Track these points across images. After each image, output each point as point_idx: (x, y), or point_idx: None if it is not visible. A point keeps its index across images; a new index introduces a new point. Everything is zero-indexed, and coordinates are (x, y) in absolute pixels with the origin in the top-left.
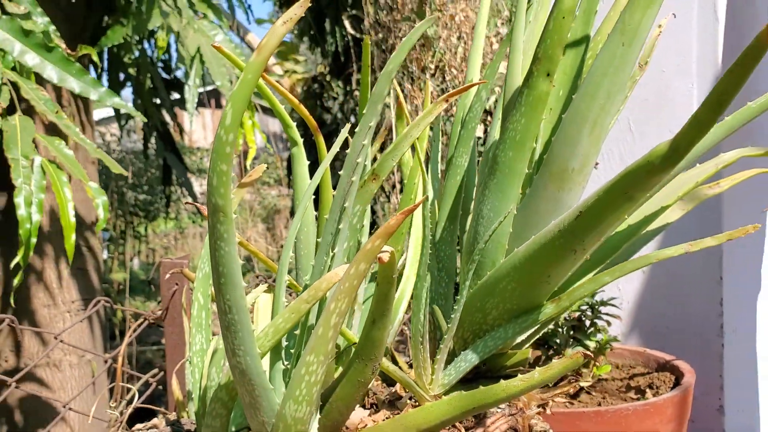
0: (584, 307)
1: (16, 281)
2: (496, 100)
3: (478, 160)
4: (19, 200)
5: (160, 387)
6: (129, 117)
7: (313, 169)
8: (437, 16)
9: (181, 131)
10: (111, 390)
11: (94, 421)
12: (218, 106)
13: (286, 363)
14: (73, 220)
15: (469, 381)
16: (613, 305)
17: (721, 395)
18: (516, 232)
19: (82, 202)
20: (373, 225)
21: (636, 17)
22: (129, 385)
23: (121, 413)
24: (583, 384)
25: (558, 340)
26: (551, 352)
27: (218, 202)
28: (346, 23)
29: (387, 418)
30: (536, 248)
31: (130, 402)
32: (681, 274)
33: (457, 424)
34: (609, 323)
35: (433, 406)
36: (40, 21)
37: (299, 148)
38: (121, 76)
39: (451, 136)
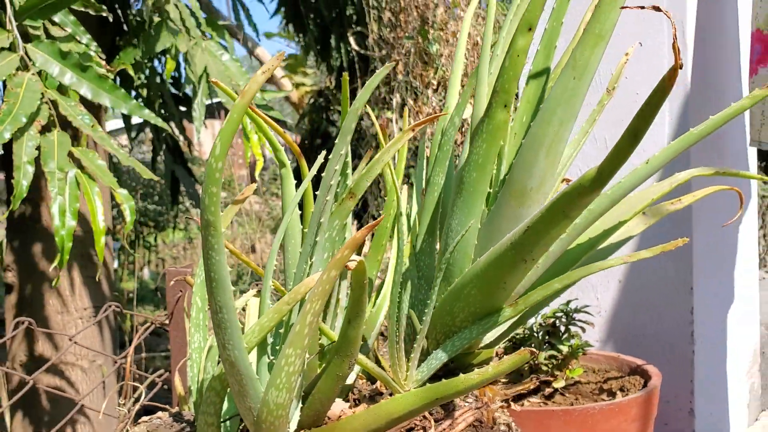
0: (559, 314)
1: (54, 283)
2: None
3: None
4: (54, 210)
5: (165, 387)
6: (140, 130)
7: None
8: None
9: (189, 144)
10: (120, 390)
11: (107, 419)
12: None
13: (271, 357)
14: (102, 225)
15: (440, 377)
16: (587, 312)
17: (691, 399)
18: (482, 244)
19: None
20: None
21: (585, 54)
22: (137, 384)
23: (129, 410)
24: (556, 386)
25: (533, 344)
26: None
27: (210, 219)
28: (351, 40)
29: None
30: (493, 258)
31: (137, 400)
32: (655, 284)
33: (428, 415)
34: (583, 329)
35: (402, 397)
36: (84, 40)
37: (287, 170)
38: (132, 93)
39: (429, 157)
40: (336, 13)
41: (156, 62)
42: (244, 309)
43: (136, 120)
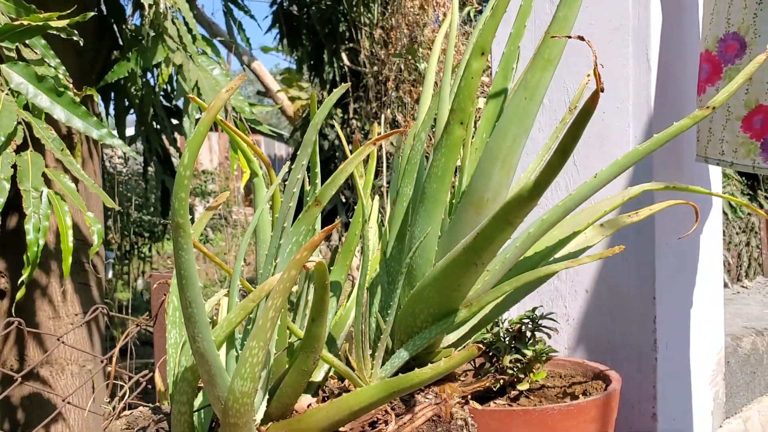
0: (526, 320)
1: (18, 295)
2: None
3: None
4: (28, 227)
5: (150, 386)
6: (133, 140)
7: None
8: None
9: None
10: (107, 390)
11: (92, 419)
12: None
13: (239, 351)
14: (71, 244)
15: None
16: (552, 319)
17: (654, 403)
18: (443, 249)
19: (85, 222)
20: None
21: (536, 77)
22: (121, 382)
23: (114, 408)
24: (521, 388)
25: (499, 348)
26: (493, 358)
27: (179, 221)
28: (344, 55)
29: None
30: (449, 262)
31: (122, 398)
32: (620, 294)
33: (389, 410)
34: (549, 336)
35: (362, 391)
36: (53, 63)
37: (259, 179)
38: (126, 103)
39: (399, 170)
40: (329, 30)
41: (149, 74)
42: (216, 309)
43: (129, 132)
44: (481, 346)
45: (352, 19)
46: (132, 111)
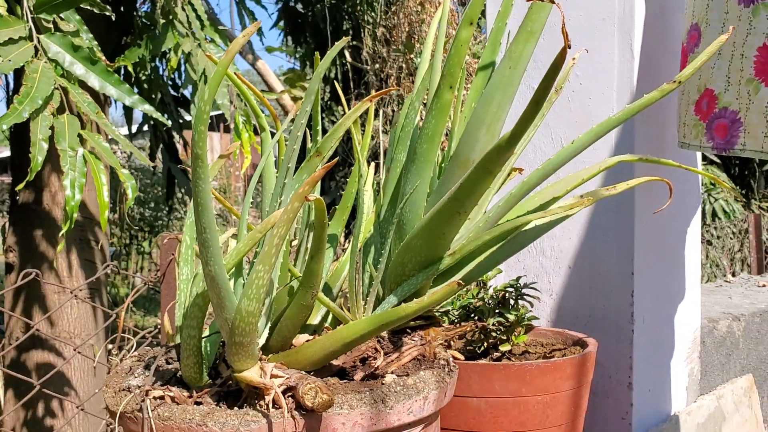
0: (510, 289)
1: (59, 248)
2: None
3: None
4: (66, 182)
5: (155, 341)
6: (140, 129)
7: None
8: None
9: (185, 144)
10: (113, 344)
11: (96, 399)
12: (226, 130)
13: (245, 280)
14: (107, 199)
15: None
16: (534, 288)
17: (630, 374)
18: (430, 206)
19: (93, 201)
20: None
21: (519, 48)
22: (129, 336)
23: (121, 360)
24: (503, 349)
25: (484, 311)
26: (479, 322)
27: (198, 152)
28: (346, 53)
29: None
30: (435, 213)
31: (129, 351)
32: (601, 270)
33: (379, 348)
34: (531, 304)
35: (353, 324)
36: (86, 37)
37: (266, 133)
38: (135, 90)
39: (394, 138)
40: (333, 27)
41: (158, 63)
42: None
43: (134, 128)
44: (461, 282)
45: (356, 17)
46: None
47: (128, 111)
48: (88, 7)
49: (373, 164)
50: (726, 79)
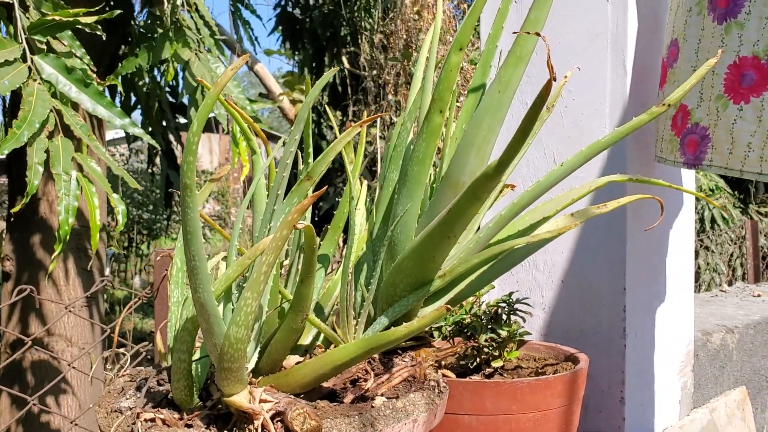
0: (502, 304)
1: (51, 267)
2: None
3: None
4: (60, 207)
5: (149, 357)
6: (136, 138)
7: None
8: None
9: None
10: (107, 360)
11: (91, 399)
12: (226, 130)
13: (234, 305)
14: (99, 222)
15: None
16: (526, 304)
17: (623, 388)
18: (422, 227)
19: (87, 207)
20: None
21: (508, 72)
22: (122, 351)
23: (116, 374)
24: (495, 365)
25: (476, 328)
26: (471, 338)
27: (187, 182)
28: (344, 59)
29: None
30: (425, 236)
31: (122, 366)
32: (593, 285)
33: (369, 370)
34: (524, 319)
35: (343, 347)
36: (79, 53)
37: (257, 156)
38: (133, 98)
39: (386, 157)
40: (331, 34)
41: (155, 71)
42: (216, 270)
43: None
44: (449, 306)
45: (354, 23)
46: (138, 107)
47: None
48: (86, 29)
49: (366, 182)
50: (699, 95)
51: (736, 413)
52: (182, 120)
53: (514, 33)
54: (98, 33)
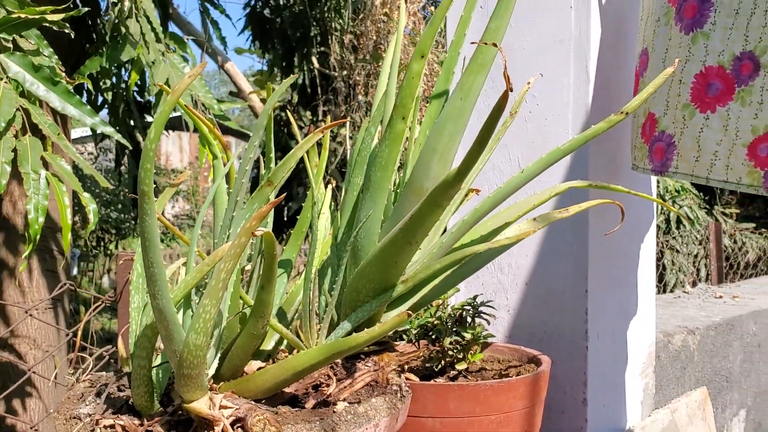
0: (467, 307)
1: (21, 267)
2: None
3: None
4: (30, 207)
5: (112, 360)
6: (104, 137)
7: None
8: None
9: None
10: (70, 363)
11: (57, 398)
12: (195, 130)
13: (194, 311)
14: (70, 222)
15: None
16: (490, 306)
17: (585, 389)
18: (385, 232)
19: (56, 209)
20: None
21: (469, 80)
22: (85, 355)
23: (78, 379)
24: (459, 368)
25: (441, 330)
26: (436, 341)
27: (144, 189)
28: (314, 59)
29: None
30: (388, 241)
31: (85, 370)
32: (557, 287)
33: (332, 375)
34: (488, 322)
35: (304, 353)
36: (46, 53)
37: (218, 161)
38: (100, 98)
39: (351, 162)
40: (301, 34)
41: (123, 70)
42: (175, 277)
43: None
44: (410, 312)
45: (324, 24)
46: (105, 106)
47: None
48: (47, 25)
49: (331, 186)
50: (665, 103)
51: (697, 413)
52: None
53: (473, 43)
54: (66, 31)
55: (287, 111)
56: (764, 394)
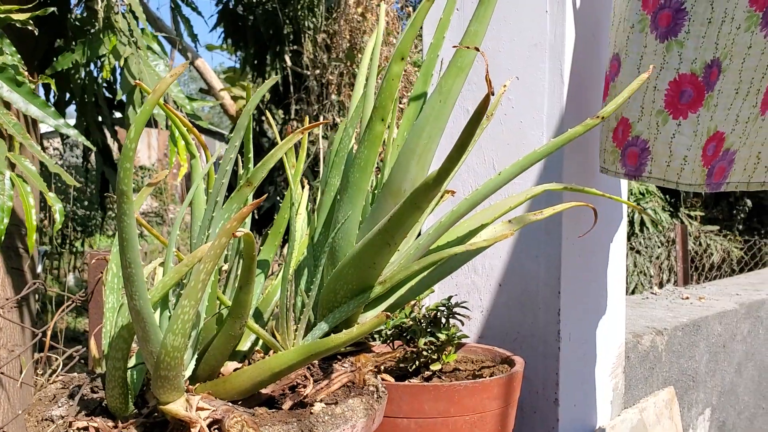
0: (441, 308)
1: None
2: None
3: None
4: None
5: (82, 361)
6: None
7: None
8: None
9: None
10: (38, 363)
11: (21, 399)
12: (165, 127)
13: (171, 312)
14: (35, 222)
15: None
16: (464, 308)
17: (557, 390)
18: (363, 234)
19: (20, 207)
20: None
21: (449, 83)
22: (54, 355)
23: (47, 380)
24: (433, 368)
25: (416, 331)
26: (411, 341)
27: (123, 188)
28: (287, 58)
29: None
30: (366, 243)
31: (54, 371)
32: (529, 288)
33: (308, 375)
34: (462, 323)
35: (282, 354)
36: (8, 51)
37: (196, 160)
38: (67, 94)
39: (328, 162)
40: (273, 32)
41: (92, 66)
42: (152, 277)
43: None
44: (389, 314)
45: (297, 22)
46: (72, 102)
47: (59, 109)
48: (17, 24)
49: (307, 188)
50: (640, 109)
51: (665, 412)
52: (118, 115)
53: (454, 47)
54: (29, 28)
55: (266, 112)
56: (728, 394)
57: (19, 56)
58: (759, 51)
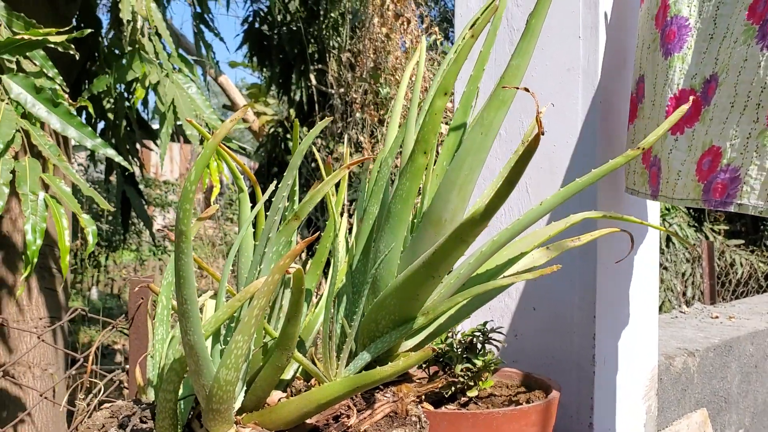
0: (477, 333)
1: (19, 293)
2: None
3: None
4: (27, 227)
5: (122, 385)
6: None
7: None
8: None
9: (142, 166)
10: (78, 388)
11: (53, 421)
12: (186, 141)
13: (223, 346)
14: (68, 244)
15: None
16: (500, 333)
17: (591, 414)
18: (404, 263)
19: (53, 227)
20: None
21: (491, 115)
22: (96, 380)
23: (88, 404)
24: (470, 395)
25: (452, 357)
26: (446, 367)
27: (182, 228)
28: (312, 76)
29: None
30: (409, 274)
31: (96, 395)
32: (564, 312)
33: (352, 406)
34: (498, 348)
35: (328, 386)
36: (51, 74)
37: (244, 194)
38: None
39: (366, 191)
40: (298, 51)
41: (120, 86)
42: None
43: None
44: (435, 348)
45: (322, 41)
46: (101, 122)
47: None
48: (58, 48)
49: (346, 215)
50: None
51: None
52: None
53: (504, 87)
54: (71, 52)
55: (287, 127)
56: (761, 414)
57: (61, 78)
58: (755, 64)
